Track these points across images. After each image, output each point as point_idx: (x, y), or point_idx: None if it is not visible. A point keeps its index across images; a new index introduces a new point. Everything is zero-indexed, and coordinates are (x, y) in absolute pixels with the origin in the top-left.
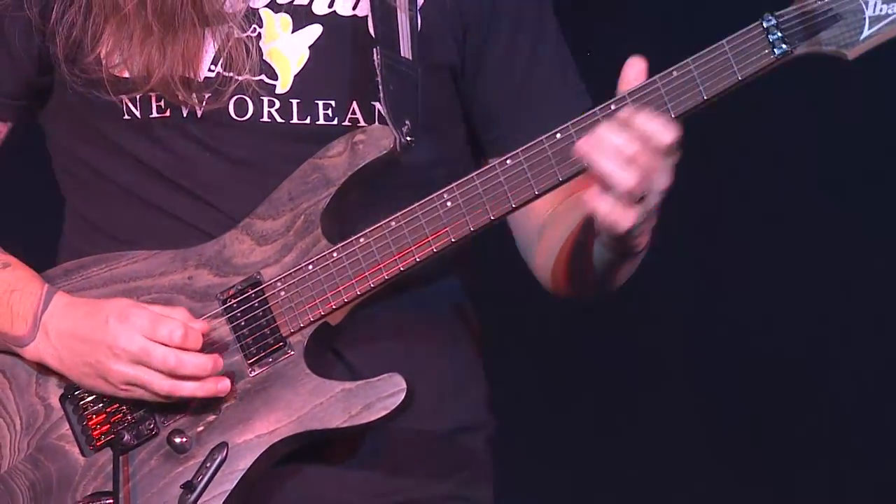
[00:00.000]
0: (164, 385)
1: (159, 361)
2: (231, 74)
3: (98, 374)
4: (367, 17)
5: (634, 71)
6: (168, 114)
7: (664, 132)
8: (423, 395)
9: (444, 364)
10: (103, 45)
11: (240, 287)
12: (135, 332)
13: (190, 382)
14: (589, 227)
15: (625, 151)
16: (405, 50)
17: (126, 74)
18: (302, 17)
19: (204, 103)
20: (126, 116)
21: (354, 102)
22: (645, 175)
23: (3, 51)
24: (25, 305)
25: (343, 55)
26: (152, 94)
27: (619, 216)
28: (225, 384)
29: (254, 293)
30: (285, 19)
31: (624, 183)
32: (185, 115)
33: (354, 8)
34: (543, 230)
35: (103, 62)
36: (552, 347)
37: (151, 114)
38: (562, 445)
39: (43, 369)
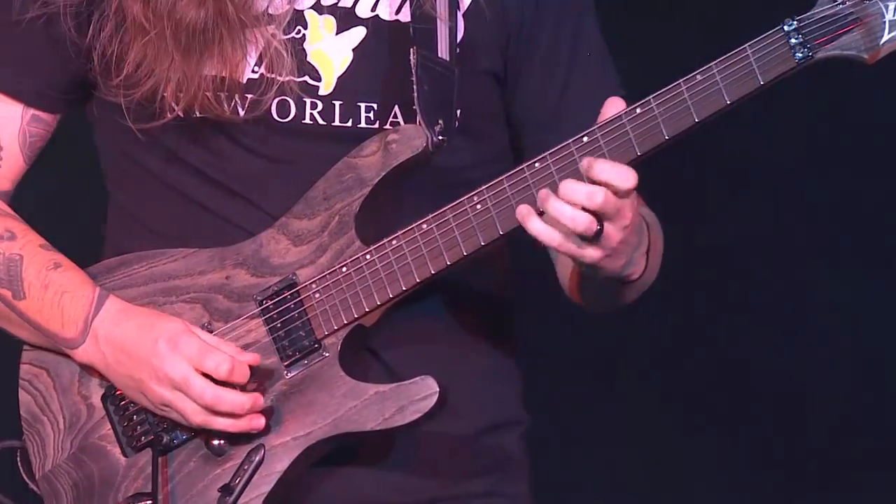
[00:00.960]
0: (198, 418)
1: (197, 394)
2: (274, 76)
3: (139, 389)
4: (408, 23)
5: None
6: (206, 115)
7: (624, 178)
8: (458, 394)
9: (479, 363)
10: (135, 65)
11: (276, 288)
12: (181, 360)
13: (224, 419)
14: None
15: (590, 206)
16: (442, 52)
17: (161, 94)
18: (346, 19)
19: (247, 105)
20: (168, 115)
21: (396, 106)
22: (603, 216)
23: (53, 45)
24: (77, 308)
25: (385, 58)
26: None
27: (577, 252)
28: (258, 422)
29: (290, 295)
30: (329, 21)
31: (576, 227)
32: (226, 114)
33: (397, 13)
34: None
35: (135, 82)
36: (586, 344)
37: (194, 113)
38: (595, 443)
39: (86, 368)
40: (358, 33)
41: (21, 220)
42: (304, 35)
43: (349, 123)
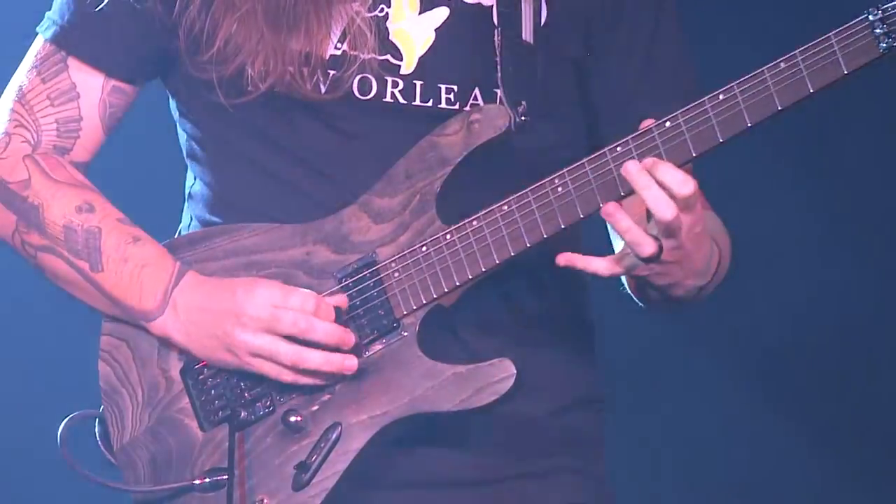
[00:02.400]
0: (291, 353)
1: (289, 324)
2: (356, 53)
3: (224, 345)
4: (491, 6)
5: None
6: (289, 91)
7: (682, 184)
8: (535, 374)
9: (556, 344)
10: (222, 42)
11: (356, 266)
12: (265, 300)
13: (317, 354)
14: None
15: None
16: (527, 33)
17: (248, 71)
18: (429, 0)
19: (328, 81)
20: (249, 89)
21: (476, 88)
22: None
23: (137, 18)
24: (156, 281)
25: (467, 41)
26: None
27: (628, 266)
28: (352, 361)
29: (369, 273)
30: (413, 0)
31: (664, 215)
32: (309, 90)
33: None
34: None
35: (223, 58)
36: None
37: (278, 89)
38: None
39: (164, 342)
40: (441, 14)
41: (99, 193)
42: (387, 13)
43: (429, 103)
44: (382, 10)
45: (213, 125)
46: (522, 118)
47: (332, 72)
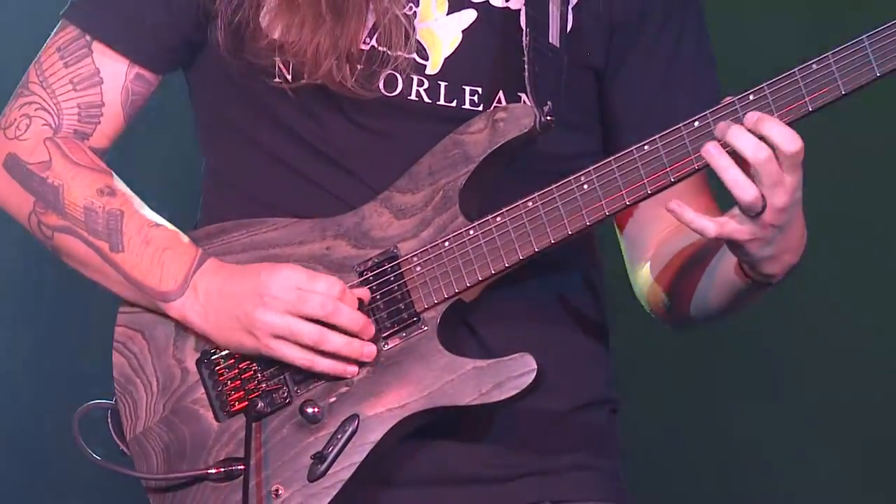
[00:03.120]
0: (314, 334)
1: (317, 306)
2: (385, 49)
3: (244, 327)
4: (519, 10)
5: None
6: (319, 81)
7: (790, 141)
8: (551, 372)
9: (572, 342)
10: (269, 30)
11: (377, 260)
12: (289, 282)
13: (339, 336)
14: (713, 248)
15: (750, 158)
16: (554, 37)
17: (293, 58)
18: (458, 1)
19: (356, 75)
20: (276, 80)
21: (501, 91)
22: (767, 187)
23: (164, 4)
24: (179, 264)
25: (494, 44)
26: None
27: (734, 229)
28: (371, 349)
29: (390, 267)
30: (441, 1)
31: (744, 196)
32: (338, 84)
33: (507, 0)
34: (660, 245)
35: (267, 46)
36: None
37: (302, 80)
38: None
39: (181, 332)
40: (468, 16)
41: (118, 178)
42: (415, 12)
43: (454, 104)
44: (411, 8)
45: (235, 118)
46: (548, 118)
47: (359, 66)
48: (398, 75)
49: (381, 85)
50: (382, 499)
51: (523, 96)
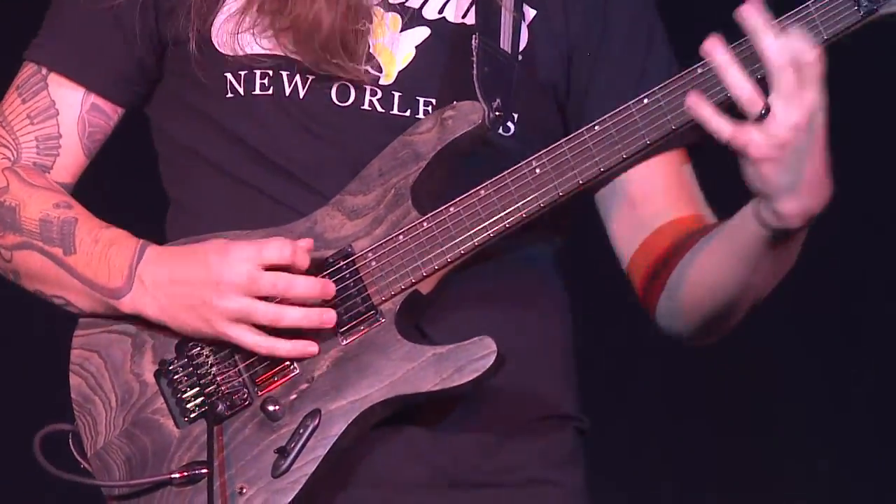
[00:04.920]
0: (270, 312)
1: (269, 285)
2: (338, 61)
3: (201, 315)
4: (473, 25)
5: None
6: (270, 92)
7: (807, 50)
8: (516, 359)
9: (535, 326)
10: (220, 45)
11: (331, 259)
12: (240, 262)
13: (295, 309)
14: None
15: (773, 59)
16: (505, 43)
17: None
18: (411, 19)
19: (308, 85)
20: (229, 94)
21: (455, 103)
22: (783, 97)
23: (119, 32)
24: (122, 258)
25: (448, 58)
26: (258, 71)
27: (749, 139)
28: (330, 315)
29: (345, 264)
30: (395, 18)
31: (742, 93)
32: (287, 94)
33: (463, 17)
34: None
35: (219, 61)
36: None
37: (254, 91)
38: (652, 434)
39: (137, 348)
40: (422, 32)
41: (79, 203)
42: (368, 28)
43: (407, 113)
44: (364, 24)
45: (190, 140)
46: (496, 113)
47: (310, 77)
48: (350, 86)
49: (333, 94)
50: (340, 500)
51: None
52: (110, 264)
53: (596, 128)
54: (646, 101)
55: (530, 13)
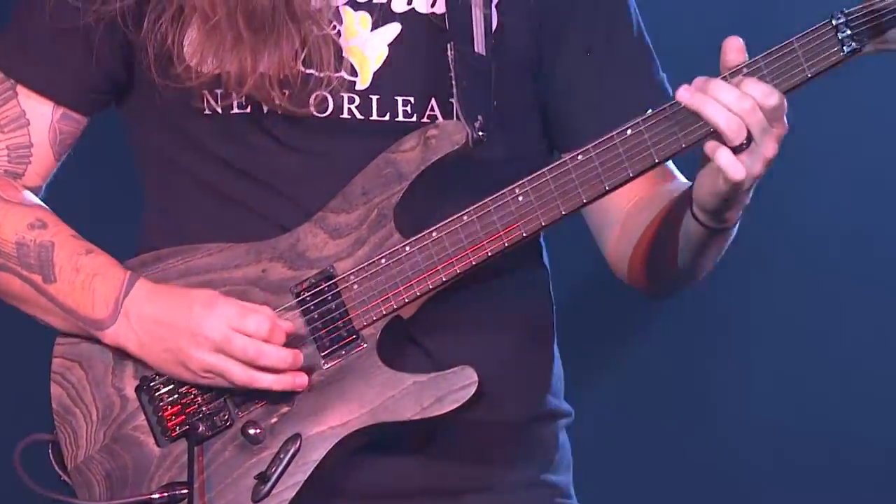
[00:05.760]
0: (243, 375)
1: (239, 351)
2: (312, 71)
3: (178, 360)
4: (444, 15)
5: (733, 49)
6: (248, 109)
7: (769, 95)
8: (500, 385)
9: (521, 354)
10: (195, 54)
11: (313, 280)
12: (220, 320)
13: (268, 374)
14: (679, 207)
15: (736, 108)
16: (479, 45)
17: (218, 73)
18: (381, 15)
19: (285, 99)
20: (207, 111)
21: (433, 99)
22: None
23: (87, 45)
24: (108, 289)
25: (422, 52)
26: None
27: (732, 165)
28: (302, 379)
29: (327, 286)
30: (364, 17)
31: (731, 130)
32: (265, 110)
33: (433, 6)
34: (625, 219)
35: (194, 70)
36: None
37: (232, 109)
38: (634, 438)
39: (119, 360)
40: (393, 29)
41: (51, 212)
42: (339, 31)
43: (387, 117)
44: (335, 27)
45: (169, 151)
46: (480, 133)
47: (287, 91)
48: (329, 96)
49: (311, 106)
50: None
51: (455, 106)
52: (94, 295)
53: (579, 157)
54: (629, 132)
55: None
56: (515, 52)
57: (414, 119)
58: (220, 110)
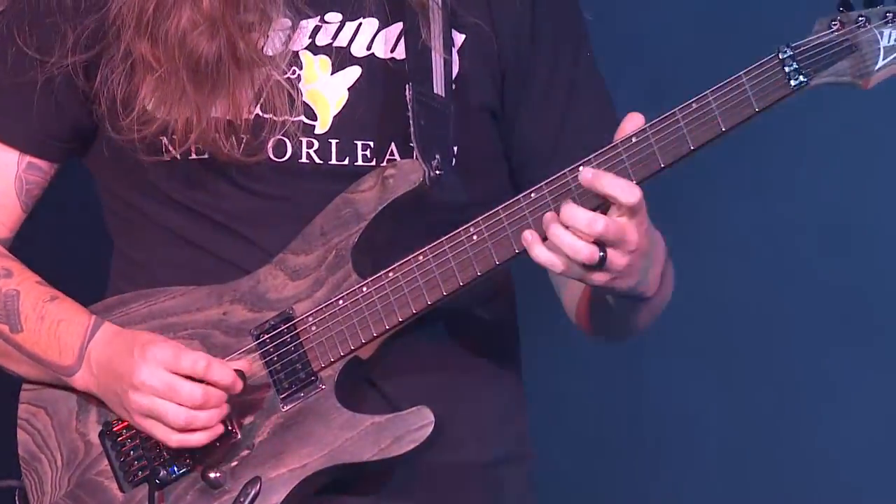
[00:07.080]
0: (180, 419)
1: (187, 396)
2: (270, 116)
3: (121, 403)
4: (404, 60)
5: (632, 125)
6: (206, 155)
7: (629, 193)
8: (460, 426)
9: (484, 394)
10: (145, 104)
11: (272, 322)
12: (156, 366)
13: (204, 413)
14: None
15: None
16: (438, 87)
17: (171, 129)
18: (341, 60)
19: (243, 145)
20: (165, 157)
21: (392, 144)
22: (605, 243)
23: (50, 95)
24: (72, 336)
25: (381, 97)
26: (192, 134)
27: (582, 276)
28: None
29: (286, 328)
30: (324, 61)
31: (577, 256)
32: (225, 154)
33: (392, 51)
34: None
35: (145, 120)
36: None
37: (191, 155)
38: (602, 475)
39: (83, 406)
40: (353, 73)
41: (17, 261)
42: (299, 75)
43: (346, 162)
44: (295, 72)
45: (131, 197)
46: (437, 172)
47: (245, 136)
48: (287, 140)
49: (269, 151)
50: None
51: (413, 144)
52: (60, 342)
53: (532, 195)
54: (581, 169)
55: (459, 38)
56: (477, 97)
57: (373, 163)
58: (178, 156)
